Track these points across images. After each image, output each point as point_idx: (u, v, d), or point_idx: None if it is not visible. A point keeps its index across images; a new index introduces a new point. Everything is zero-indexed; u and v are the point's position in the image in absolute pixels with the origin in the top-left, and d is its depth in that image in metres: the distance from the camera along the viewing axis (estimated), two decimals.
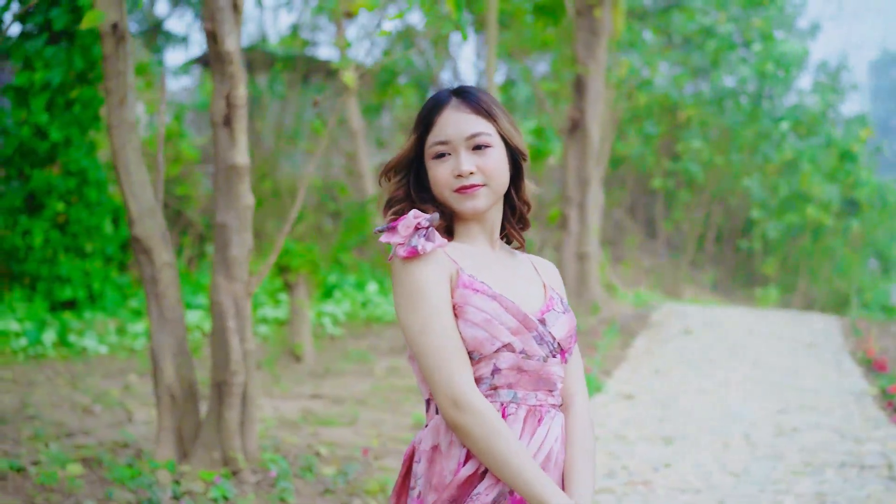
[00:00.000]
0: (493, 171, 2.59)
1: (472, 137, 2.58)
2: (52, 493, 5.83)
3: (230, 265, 6.11)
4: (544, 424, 2.55)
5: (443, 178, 2.60)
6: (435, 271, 2.51)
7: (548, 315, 2.58)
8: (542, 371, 2.55)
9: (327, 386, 9.51)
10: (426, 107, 2.67)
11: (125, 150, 6.12)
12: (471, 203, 2.59)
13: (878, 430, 7.84)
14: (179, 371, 6.27)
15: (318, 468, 6.40)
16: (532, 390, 2.54)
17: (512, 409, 2.52)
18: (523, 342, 2.52)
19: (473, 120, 2.59)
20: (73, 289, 12.34)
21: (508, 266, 2.68)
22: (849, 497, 6.06)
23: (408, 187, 2.68)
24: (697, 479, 6.46)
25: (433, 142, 2.61)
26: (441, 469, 2.51)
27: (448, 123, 2.60)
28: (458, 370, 2.45)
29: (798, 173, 22.92)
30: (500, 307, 2.50)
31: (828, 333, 13.63)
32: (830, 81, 24.59)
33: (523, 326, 2.52)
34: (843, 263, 24.89)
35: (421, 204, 2.64)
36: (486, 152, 2.59)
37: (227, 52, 5.95)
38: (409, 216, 2.52)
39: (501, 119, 2.63)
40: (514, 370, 2.52)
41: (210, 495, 5.74)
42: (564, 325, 2.60)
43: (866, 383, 9.90)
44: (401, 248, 2.50)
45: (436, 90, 21.94)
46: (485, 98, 2.63)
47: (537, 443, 2.53)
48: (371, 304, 13.94)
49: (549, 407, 2.58)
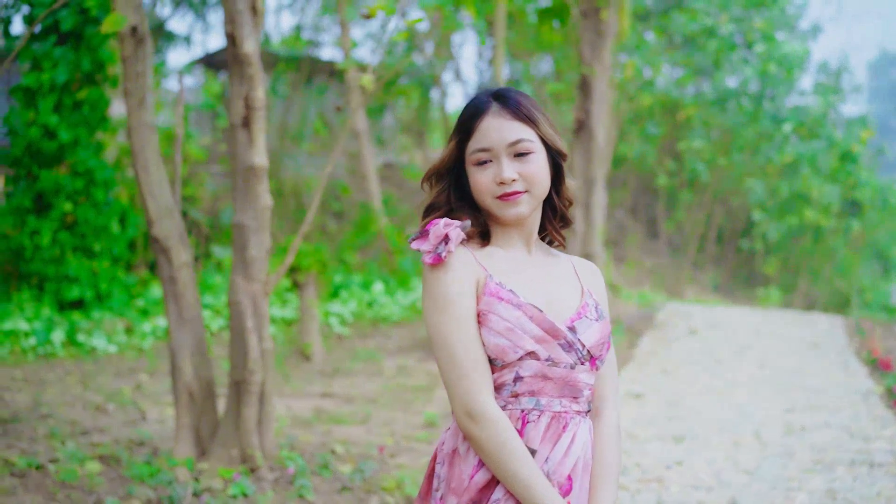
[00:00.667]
0: (535, 178, 2.58)
1: (513, 144, 2.56)
2: (72, 490, 5.89)
3: (248, 265, 6.17)
4: (569, 431, 2.55)
5: (484, 185, 2.58)
6: (461, 278, 2.53)
7: (578, 323, 2.58)
8: (568, 378, 2.55)
9: (337, 385, 9.57)
10: (466, 112, 2.64)
11: (145, 151, 6.19)
12: (513, 210, 2.58)
13: (886, 429, 7.92)
14: (198, 370, 6.35)
15: (334, 466, 6.47)
16: (557, 397, 2.55)
17: (533, 417, 2.53)
18: (549, 350, 2.52)
19: (515, 126, 2.58)
20: (80, 288, 12.41)
21: (544, 270, 2.68)
22: (860, 494, 6.14)
23: (448, 193, 2.68)
24: (709, 477, 6.53)
25: (474, 148, 2.59)
26: (459, 472, 2.54)
27: (489, 130, 2.58)
28: (473, 381, 2.48)
29: (799, 175, 22.98)
30: (524, 316, 2.51)
31: (832, 333, 13.72)
32: (831, 82, 24.65)
33: (549, 335, 2.52)
34: (844, 264, 24.96)
35: (459, 210, 2.65)
36: (527, 158, 2.57)
37: (245, 55, 6.02)
38: (439, 224, 2.53)
39: (542, 123, 2.61)
40: (538, 377, 2.53)
41: (229, 492, 5.80)
42: (596, 333, 2.59)
43: (872, 382, 9.98)
44: (427, 256, 2.53)
45: (438, 91, 21.98)
46: (525, 102, 2.61)
47: (562, 450, 2.53)
48: (377, 304, 14.00)
49: (575, 414, 2.57)
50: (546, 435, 2.53)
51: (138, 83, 6.13)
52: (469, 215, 2.64)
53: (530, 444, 2.51)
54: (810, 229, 24.05)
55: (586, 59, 13.41)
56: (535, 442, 2.51)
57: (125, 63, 6.13)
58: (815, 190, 22.62)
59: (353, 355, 11.05)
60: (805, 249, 24.79)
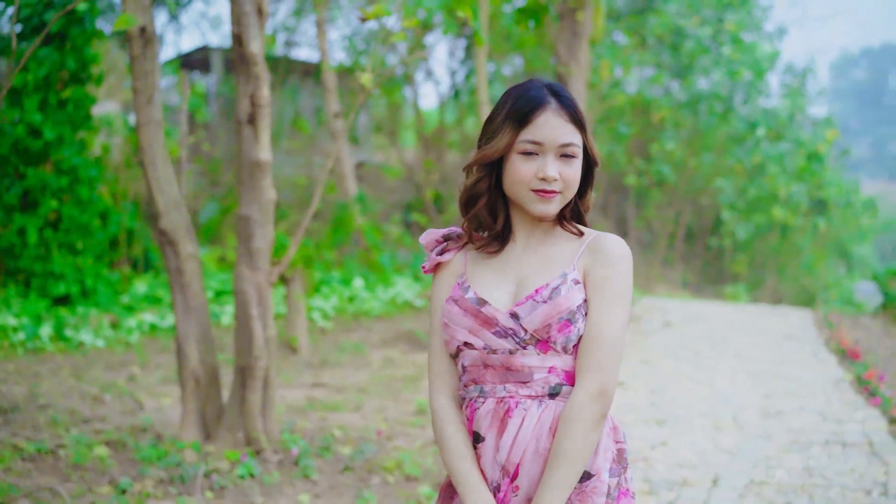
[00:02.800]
0: (572, 182, 2.65)
1: (564, 146, 2.62)
2: (85, 471, 6.13)
3: (253, 256, 6.43)
4: (516, 417, 2.59)
5: (525, 176, 2.61)
6: (443, 285, 2.77)
7: (520, 308, 2.60)
8: (510, 364, 2.60)
9: (327, 376, 9.81)
10: (524, 104, 2.64)
11: (153, 147, 6.43)
12: (544, 207, 2.64)
13: (858, 412, 8.29)
14: (203, 357, 6.60)
15: (335, 448, 6.74)
16: (500, 383, 2.61)
17: (479, 404, 2.64)
18: (483, 338, 2.62)
19: (569, 129, 2.63)
20: (66, 285, 12.57)
21: (529, 257, 2.72)
22: (834, 470, 6.49)
23: (490, 181, 2.72)
24: (693, 457, 6.85)
25: (526, 139, 2.61)
26: None
27: (545, 126, 2.61)
28: (433, 377, 2.75)
29: (766, 175, 23.40)
30: (458, 309, 2.65)
31: (803, 326, 14.14)
32: (797, 84, 25.10)
33: (481, 325, 2.62)
34: (810, 261, 25.41)
35: (494, 200, 2.73)
36: (571, 162, 2.63)
37: (251, 55, 6.28)
38: (425, 235, 2.81)
39: (588, 129, 2.69)
40: (478, 366, 2.64)
41: (236, 473, 6.06)
42: (539, 316, 2.58)
43: (842, 371, 10.36)
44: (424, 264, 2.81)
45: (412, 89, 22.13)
46: (578, 107, 2.67)
47: (510, 435, 2.59)
48: (358, 299, 14.24)
49: (524, 398, 2.60)
50: (492, 420, 2.61)
51: (147, 81, 6.37)
52: (500, 208, 2.74)
53: (479, 430, 2.62)
54: (777, 227, 24.49)
55: (562, 58, 13.71)
56: (483, 428, 2.62)
57: (133, 62, 6.37)
58: (783, 189, 23.05)
59: (338, 348, 11.29)
60: (772, 247, 25.22)
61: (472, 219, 2.76)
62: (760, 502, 5.85)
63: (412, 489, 6.07)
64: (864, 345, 12.17)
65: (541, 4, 12.29)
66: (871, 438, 7.31)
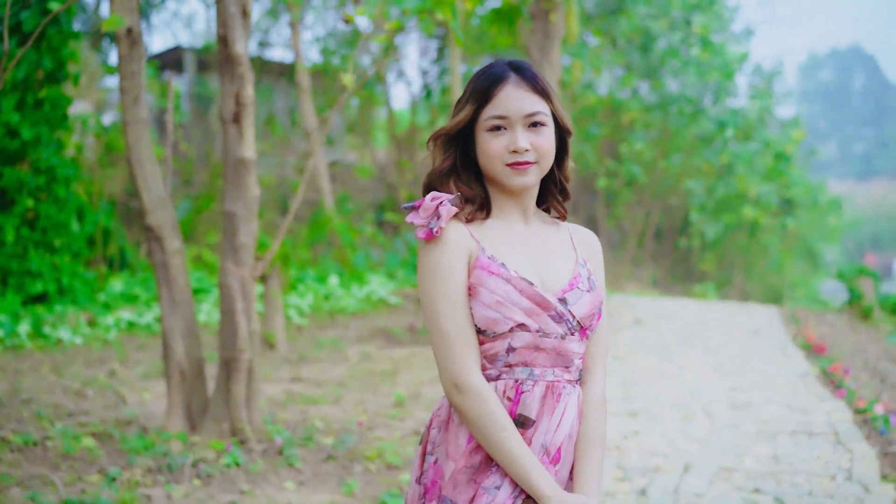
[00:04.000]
0: (546, 150, 2.64)
1: (530, 115, 2.62)
2: (74, 461, 6.29)
3: (238, 251, 6.61)
4: (562, 401, 2.61)
5: (497, 151, 2.62)
6: (452, 252, 2.58)
7: (570, 294, 2.63)
8: (560, 348, 2.60)
9: (305, 371, 9.97)
10: (484, 79, 2.68)
11: (139, 145, 6.59)
12: (521, 179, 2.63)
13: (823, 404, 8.55)
14: (189, 350, 6.77)
15: (317, 438, 6.93)
16: (550, 367, 2.60)
17: (528, 386, 2.58)
18: (539, 322, 2.57)
19: (533, 98, 2.63)
20: (43, 283, 12.66)
21: (540, 240, 2.73)
22: (801, 458, 6.73)
23: (455, 159, 2.71)
24: (665, 446, 7.08)
25: (491, 115, 2.63)
26: (455, 438, 2.60)
27: (509, 99, 2.62)
28: (460, 353, 2.55)
29: (735, 175, 23.72)
30: (513, 289, 2.56)
31: (770, 322, 14.44)
32: (764, 86, 25.44)
33: (539, 307, 2.57)
34: (777, 260, 25.77)
35: (465, 177, 2.71)
36: (540, 131, 2.63)
37: (236, 55, 6.46)
38: (427, 198, 2.62)
39: (555, 98, 2.69)
40: (530, 348, 2.58)
41: (222, 462, 6.23)
42: (586, 304, 2.64)
43: (808, 365, 10.63)
44: (420, 231, 2.59)
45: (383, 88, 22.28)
46: (541, 76, 2.68)
47: (556, 420, 2.60)
48: (333, 296, 14.41)
49: (566, 383, 2.63)
50: (543, 405, 2.60)
51: (133, 81, 6.53)
52: (473, 183, 2.71)
53: (528, 414, 2.58)
54: (745, 227, 24.82)
55: (535, 59, 13.92)
56: (533, 412, 2.58)
57: (121, 62, 6.53)
58: (753, 189, 23.38)
59: (315, 344, 11.45)
60: (740, 246, 25.56)
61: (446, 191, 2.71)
62: (730, 488, 6.08)
63: (394, 477, 6.25)
64: (829, 340, 12.47)
65: (514, 6, 12.52)
66: (837, 428, 7.56)
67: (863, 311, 15.49)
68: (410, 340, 11.82)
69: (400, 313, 13.90)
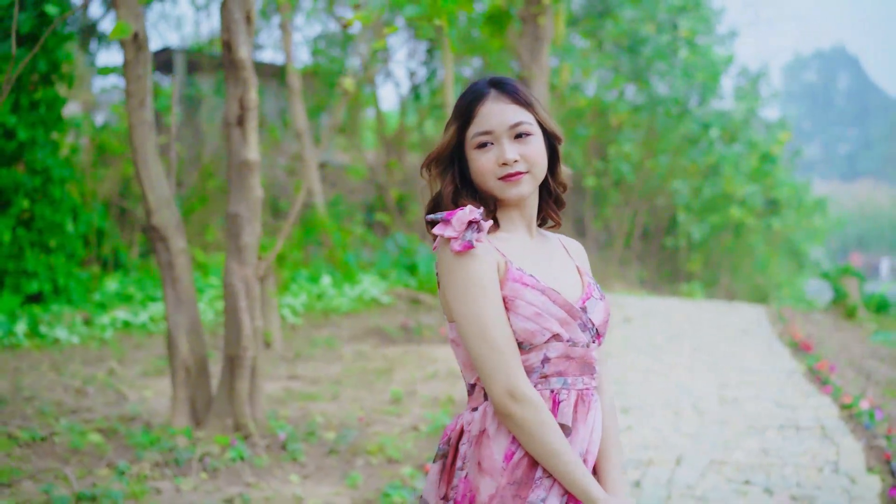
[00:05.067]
0: (535, 158, 2.67)
1: (514, 127, 2.65)
2: (83, 455, 6.45)
3: (242, 251, 6.78)
4: (593, 408, 2.66)
5: (487, 167, 2.66)
6: (488, 265, 2.58)
7: (589, 303, 2.69)
8: (586, 356, 2.65)
9: (301, 369, 10.13)
10: (465, 99, 2.72)
11: (144, 147, 6.76)
12: (516, 190, 2.66)
13: (810, 400, 8.77)
14: (193, 347, 6.94)
15: (319, 433, 7.11)
16: (579, 375, 2.65)
17: (563, 396, 2.62)
18: (569, 331, 2.61)
19: (514, 110, 2.67)
20: (39, 283, 12.79)
21: (546, 253, 2.78)
22: (789, 451, 6.94)
23: (455, 180, 2.74)
24: (657, 440, 7.27)
25: (476, 132, 2.67)
26: (491, 453, 2.57)
27: (491, 114, 2.66)
28: (513, 364, 2.54)
29: (721, 176, 23.95)
30: (548, 300, 2.59)
31: (757, 321, 14.68)
32: (751, 88, 25.68)
33: (570, 316, 2.62)
34: (763, 260, 26.01)
35: (469, 196, 2.72)
36: (527, 140, 2.66)
37: (240, 60, 6.63)
38: (464, 210, 2.58)
39: (538, 107, 2.72)
40: (562, 358, 2.61)
41: (228, 456, 6.40)
42: (602, 312, 2.71)
43: (795, 362, 10.86)
44: (455, 243, 2.56)
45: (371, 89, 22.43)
46: (521, 88, 2.72)
47: (590, 427, 2.65)
48: (326, 296, 14.57)
49: (593, 390, 2.69)
50: (577, 413, 2.63)
51: (139, 84, 6.69)
52: (475, 201, 2.72)
53: (566, 423, 2.60)
54: (731, 227, 25.05)
55: (525, 62, 14.13)
56: (569, 419, 2.61)
57: (126, 66, 6.69)
58: (739, 189, 23.61)
59: (310, 343, 11.62)
60: (726, 247, 25.79)
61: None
62: (721, 479, 6.28)
63: (395, 470, 6.43)
64: (815, 338, 12.71)
65: (504, 11, 12.70)
66: (824, 423, 7.77)
67: (847, 310, 15.75)
68: (404, 339, 12.00)
69: (392, 312, 14.08)
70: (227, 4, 6.65)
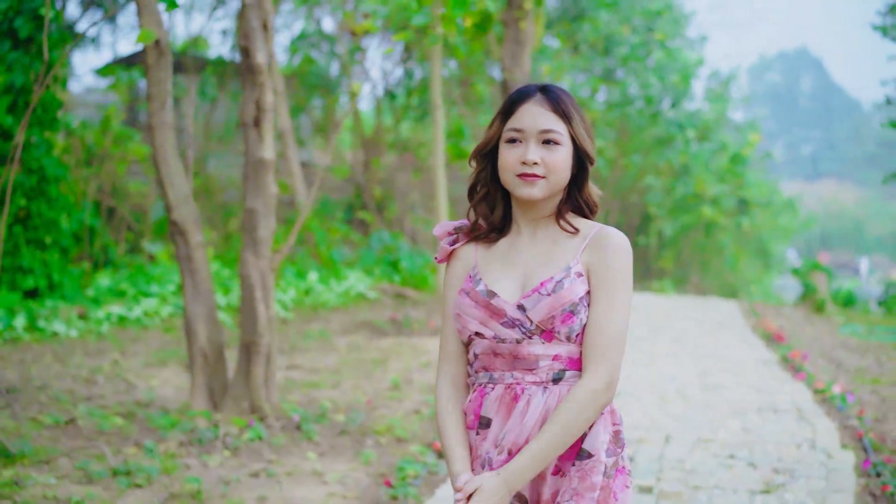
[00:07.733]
0: (555, 167, 2.77)
1: (544, 132, 2.77)
2: (110, 436, 6.86)
3: (258, 244, 7.22)
4: (522, 400, 2.77)
5: (510, 162, 2.79)
6: (455, 273, 2.93)
7: (527, 300, 2.76)
8: (516, 352, 2.78)
9: (298, 359, 10.54)
10: (512, 96, 2.87)
11: (164, 146, 7.17)
12: (527, 190, 2.78)
13: (786, 385, 9.32)
14: (210, 335, 7.36)
15: (330, 415, 7.55)
16: (509, 370, 2.79)
17: (489, 389, 2.82)
18: (493, 329, 2.79)
19: (550, 117, 2.78)
20: (34, 278, 13.10)
21: (539, 252, 2.87)
22: (769, 430, 7.47)
23: (487, 173, 2.92)
24: (646, 421, 7.77)
25: (509, 127, 2.81)
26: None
27: (526, 114, 2.79)
28: (444, 357, 2.94)
29: (692, 175, 24.45)
30: (469, 301, 2.82)
31: (731, 315, 15.30)
32: (721, 90, 26.22)
33: (491, 316, 2.79)
34: (732, 258, 26.54)
35: (493, 191, 2.92)
36: (553, 148, 2.77)
37: (257, 65, 7.06)
38: (440, 226, 2.98)
39: (576, 122, 2.80)
40: (489, 354, 2.81)
41: (247, 436, 6.83)
42: (544, 308, 2.73)
43: (770, 352, 11.42)
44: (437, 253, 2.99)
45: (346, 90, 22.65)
46: (565, 99, 2.81)
47: (517, 418, 2.77)
48: (314, 291, 14.97)
49: (529, 385, 2.77)
50: (499, 405, 2.80)
51: (160, 88, 7.10)
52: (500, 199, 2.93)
53: (488, 415, 2.80)
54: (701, 226, 25.56)
55: (507, 65, 14.57)
56: (491, 412, 2.81)
57: (148, 70, 7.09)
58: (710, 189, 24.13)
59: (303, 336, 12.01)
60: (697, 245, 26.28)
61: (475, 209, 2.95)
62: (708, 455, 6.78)
63: (404, 448, 6.89)
64: (787, 331, 13.29)
65: (489, 14, 13.15)
66: (800, 406, 8.31)
67: (816, 304, 16.33)
68: (394, 332, 12.43)
69: (379, 307, 14.51)
70: (245, 13, 7.08)
